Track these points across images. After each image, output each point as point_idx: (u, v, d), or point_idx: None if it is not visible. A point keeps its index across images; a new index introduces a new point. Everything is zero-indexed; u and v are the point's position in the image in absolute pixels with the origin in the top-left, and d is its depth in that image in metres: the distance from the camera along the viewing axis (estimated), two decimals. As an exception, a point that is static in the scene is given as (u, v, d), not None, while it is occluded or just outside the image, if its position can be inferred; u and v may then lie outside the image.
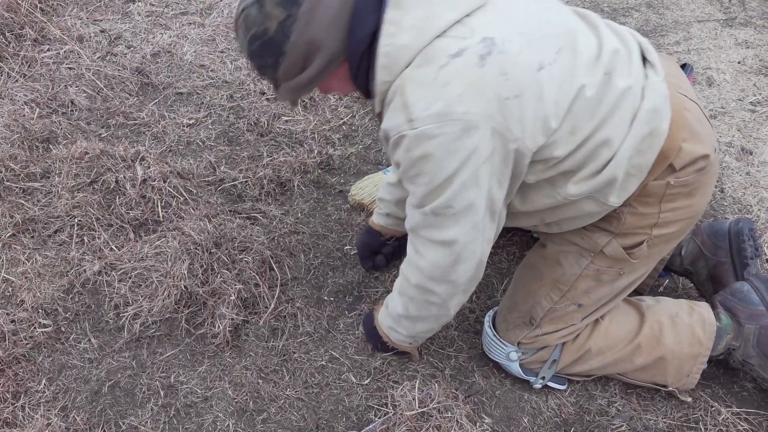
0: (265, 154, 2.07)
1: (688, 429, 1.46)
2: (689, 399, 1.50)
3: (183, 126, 2.18)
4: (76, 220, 1.82)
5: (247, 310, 1.67)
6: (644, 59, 1.24)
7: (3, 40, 2.37)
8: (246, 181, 1.97)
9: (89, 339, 1.63)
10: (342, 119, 2.22)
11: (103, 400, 1.52)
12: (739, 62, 2.46)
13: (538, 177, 1.20)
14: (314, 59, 1.15)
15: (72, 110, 2.22)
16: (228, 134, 2.16)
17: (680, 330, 1.42)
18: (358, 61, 1.15)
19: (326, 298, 1.73)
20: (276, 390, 1.54)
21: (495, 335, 1.50)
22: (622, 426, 1.46)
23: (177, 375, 1.56)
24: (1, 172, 1.93)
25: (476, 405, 1.51)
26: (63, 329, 1.65)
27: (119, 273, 1.72)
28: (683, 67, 1.99)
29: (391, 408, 1.47)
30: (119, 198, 1.85)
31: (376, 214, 1.72)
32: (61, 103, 2.23)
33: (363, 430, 1.44)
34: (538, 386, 1.51)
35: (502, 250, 1.82)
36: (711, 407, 1.49)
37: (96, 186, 1.88)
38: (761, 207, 1.93)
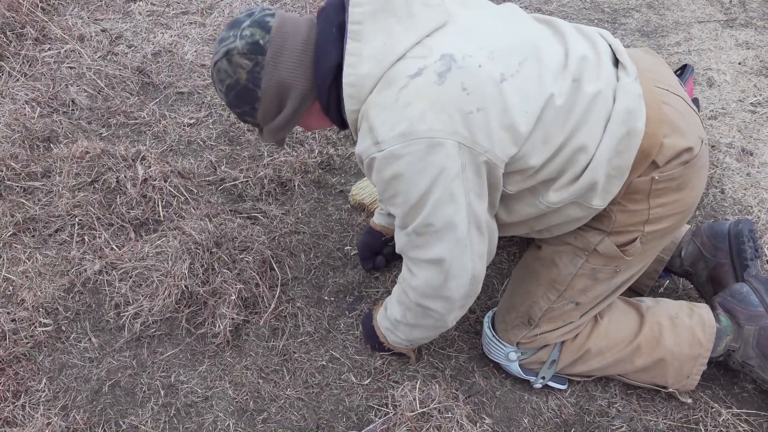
0: (266, 154, 2.07)
1: (688, 430, 1.46)
2: (689, 400, 1.50)
3: (184, 125, 2.18)
4: (77, 220, 1.83)
5: (248, 310, 1.67)
6: (617, 61, 1.25)
7: (4, 39, 2.37)
8: (247, 181, 1.97)
9: (90, 338, 1.63)
10: (343, 119, 2.22)
11: (104, 400, 1.52)
12: (740, 63, 2.46)
13: (519, 187, 1.21)
14: (287, 100, 1.21)
15: (73, 109, 2.22)
16: (229, 134, 2.16)
17: (680, 331, 1.42)
18: (327, 95, 1.20)
19: (327, 298, 1.73)
20: (276, 390, 1.54)
21: (494, 336, 1.50)
22: (623, 427, 1.46)
23: (177, 374, 1.57)
24: (2, 172, 1.94)
25: (476, 405, 1.51)
26: (63, 328, 1.65)
27: (120, 272, 1.72)
28: (684, 69, 1.99)
29: (392, 408, 1.47)
30: (120, 197, 1.85)
31: (378, 215, 1.72)
32: (62, 103, 2.23)
33: (363, 431, 1.44)
34: (539, 386, 1.52)
35: (503, 251, 1.82)
36: (711, 408, 1.49)
37: (97, 185, 1.88)
38: (761, 208, 1.93)
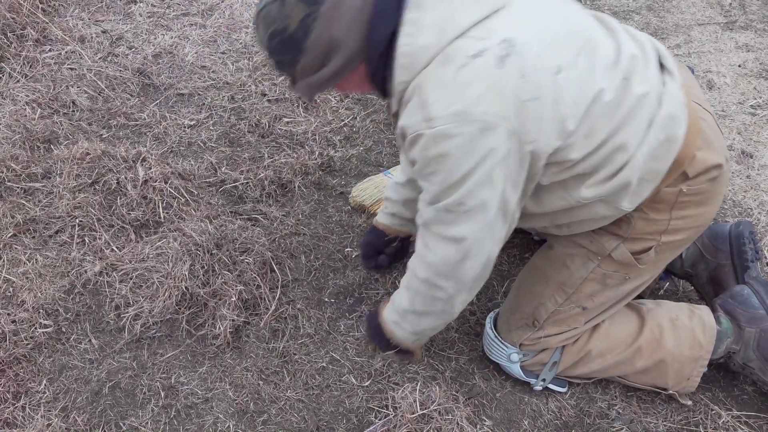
0: (266, 156, 2.07)
1: (689, 432, 1.46)
2: (689, 402, 1.50)
3: (184, 127, 2.18)
4: (77, 221, 1.83)
5: (248, 312, 1.67)
6: (661, 65, 1.25)
7: (5, 41, 2.37)
8: (247, 183, 1.97)
9: (90, 339, 1.63)
10: (343, 121, 2.22)
11: (104, 401, 1.52)
12: (740, 65, 2.46)
13: (552, 179, 1.20)
14: (333, 58, 1.16)
15: (73, 111, 2.22)
16: (229, 135, 2.16)
17: (680, 333, 1.42)
18: (376, 61, 1.16)
19: (327, 300, 1.73)
20: (276, 391, 1.54)
21: (496, 336, 1.50)
22: (623, 429, 1.46)
23: (177, 376, 1.56)
24: (3, 173, 1.93)
25: (477, 407, 1.51)
26: (64, 330, 1.65)
27: (120, 274, 1.72)
28: (684, 71, 1.99)
29: (392, 410, 1.47)
30: (120, 199, 1.85)
31: (382, 213, 1.70)
32: (63, 104, 2.23)
33: (363, 432, 1.44)
34: (539, 388, 1.52)
35: (503, 252, 1.81)
36: (711, 410, 1.49)
37: (97, 186, 1.88)
38: (761, 210, 1.93)
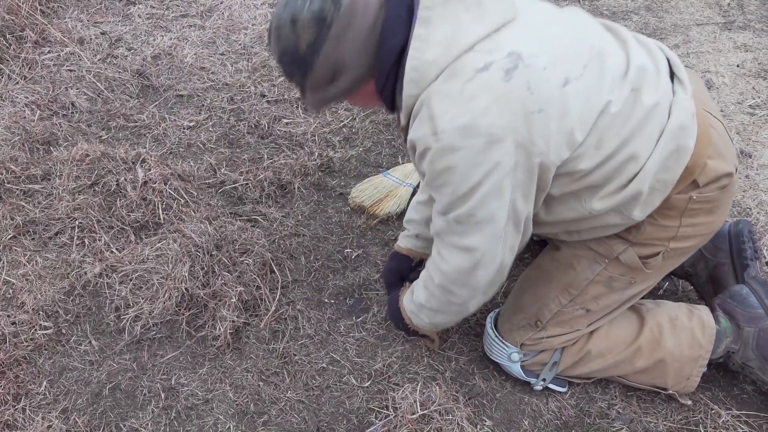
0: (266, 157, 2.07)
1: None
2: (689, 402, 1.50)
3: (183, 128, 2.19)
4: (77, 222, 1.83)
5: (248, 313, 1.67)
6: (672, 74, 1.25)
7: (4, 42, 2.37)
8: (246, 184, 1.97)
9: (90, 341, 1.63)
10: (342, 122, 2.23)
11: (104, 403, 1.52)
12: (738, 65, 2.47)
13: (563, 190, 1.21)
14: (340, 78, 1.18)
15: (72, 112, 2.22)
16: (228, 136, 2.16)
17: (680, 333, 1.43)
18: (385, 78, 1.17)
19: (327, 301, 1.73)
20: (277, 392, 1.54)
21: (497, 336, 1.50)
22: (623, 429, 1.46)
23: (178, 377, 1.56)
24: (2, 174, 1.93)
25: (477, 407, 1.51)
26: (64, 331, 1.65)
27: (120, 275, 1.72)
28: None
29: (392, 410, 1.47)
30: (120, 200, 1.85)
31: (403, 237, 1.63)
32: (62, 105, 2.23)
33: (364, 433, 1.45)
34: (539, 388, 1.52)
35: (503, 253, 1.82)
36: (711, 410, 1.49)
37: (97, 188, 1.88)
38: (760, 210, 1.94)
